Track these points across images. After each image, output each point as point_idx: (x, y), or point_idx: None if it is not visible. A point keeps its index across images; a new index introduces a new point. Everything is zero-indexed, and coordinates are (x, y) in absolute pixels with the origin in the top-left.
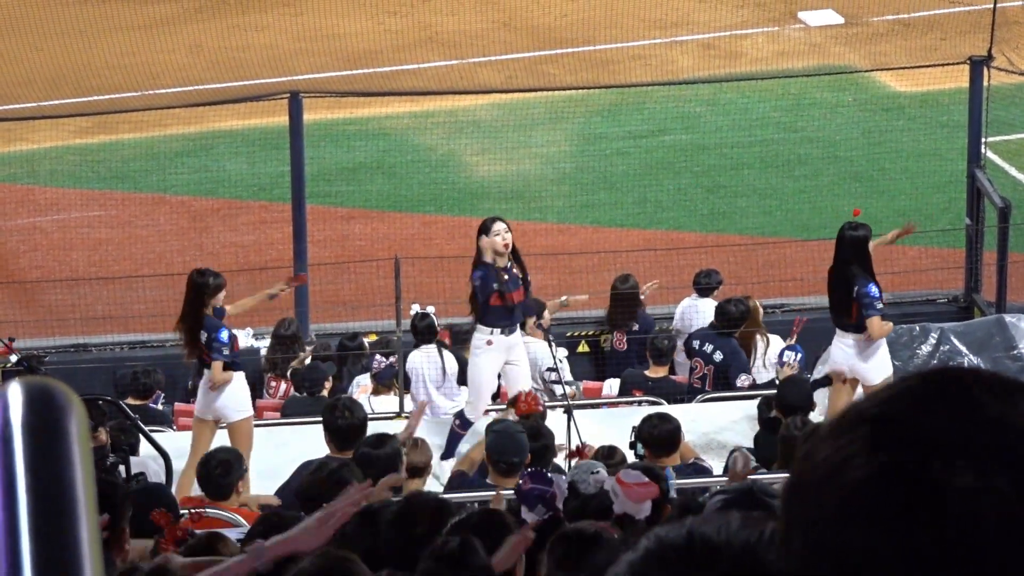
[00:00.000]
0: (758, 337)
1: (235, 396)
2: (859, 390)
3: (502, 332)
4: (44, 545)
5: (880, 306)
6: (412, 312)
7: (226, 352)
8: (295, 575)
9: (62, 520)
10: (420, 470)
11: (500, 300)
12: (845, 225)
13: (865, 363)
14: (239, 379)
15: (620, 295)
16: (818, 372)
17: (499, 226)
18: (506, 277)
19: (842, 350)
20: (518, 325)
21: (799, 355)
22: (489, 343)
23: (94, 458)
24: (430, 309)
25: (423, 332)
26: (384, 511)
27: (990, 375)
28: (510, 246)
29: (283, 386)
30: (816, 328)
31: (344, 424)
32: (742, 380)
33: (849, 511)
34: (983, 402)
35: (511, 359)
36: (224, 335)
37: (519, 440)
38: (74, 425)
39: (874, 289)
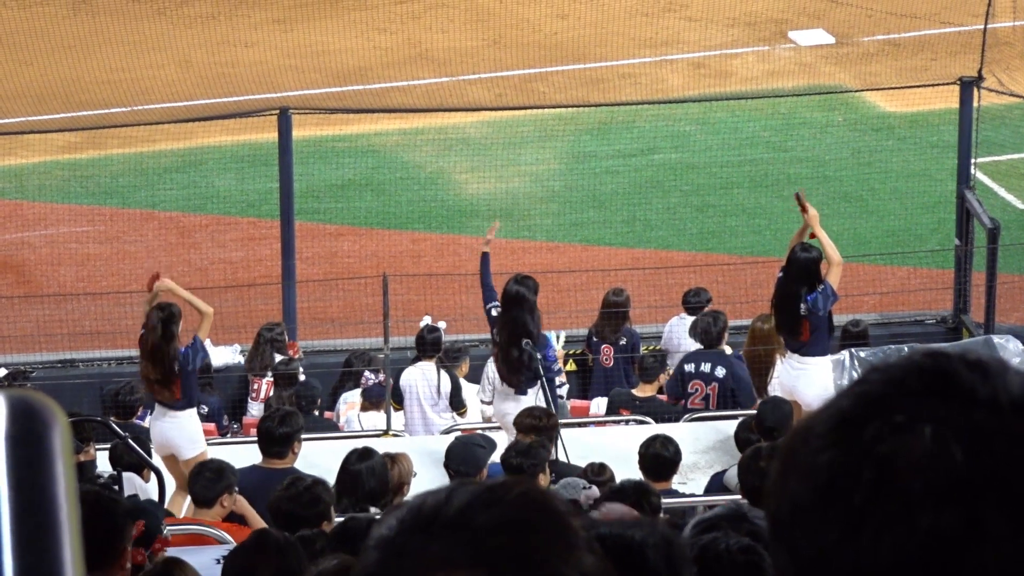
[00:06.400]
0: (777, 357)
1: (187, 432)
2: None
3: None
4: (26, 559)
5: (832, 292)
6: (422, 324)
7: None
8: (318, 574)
9: (44, 534)
10: (400, 485)
11: None
12: (797, 247)
13: (807, 389)
14: (191, 415)
15: (611, 306)
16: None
17: None
18: None
19: (787, 371)
20: None
21: None
22: None
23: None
24: (441, 324)
25: (428, 346)
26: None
27: (975, 356)
28: None
29: (264, 387)
30: None
31: (268, 430)
32: None
33: (796, 459)
34: (963, 376)
35: None
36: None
37: (473, 453)
38: (57, 439)
39: (816, 298)
